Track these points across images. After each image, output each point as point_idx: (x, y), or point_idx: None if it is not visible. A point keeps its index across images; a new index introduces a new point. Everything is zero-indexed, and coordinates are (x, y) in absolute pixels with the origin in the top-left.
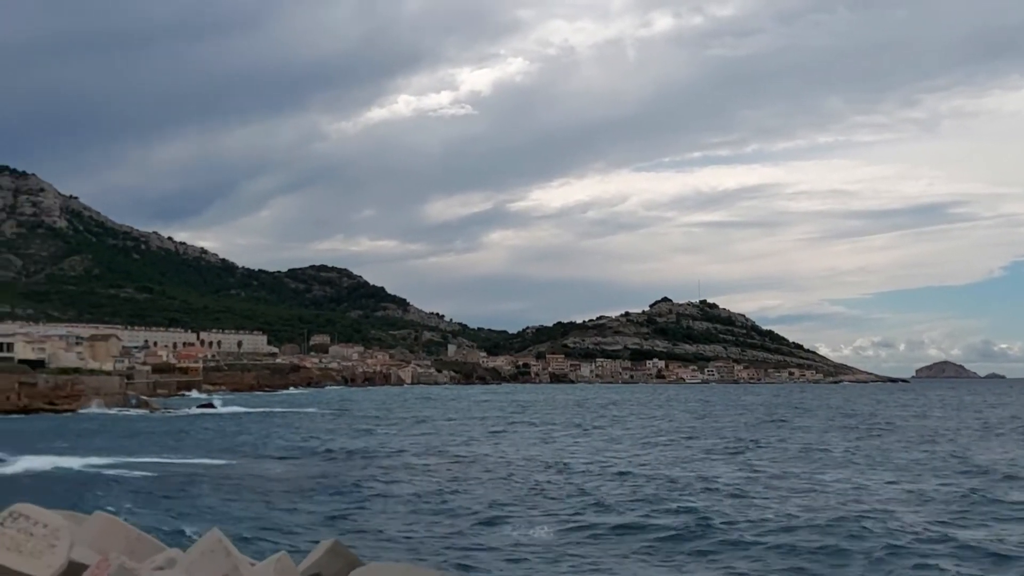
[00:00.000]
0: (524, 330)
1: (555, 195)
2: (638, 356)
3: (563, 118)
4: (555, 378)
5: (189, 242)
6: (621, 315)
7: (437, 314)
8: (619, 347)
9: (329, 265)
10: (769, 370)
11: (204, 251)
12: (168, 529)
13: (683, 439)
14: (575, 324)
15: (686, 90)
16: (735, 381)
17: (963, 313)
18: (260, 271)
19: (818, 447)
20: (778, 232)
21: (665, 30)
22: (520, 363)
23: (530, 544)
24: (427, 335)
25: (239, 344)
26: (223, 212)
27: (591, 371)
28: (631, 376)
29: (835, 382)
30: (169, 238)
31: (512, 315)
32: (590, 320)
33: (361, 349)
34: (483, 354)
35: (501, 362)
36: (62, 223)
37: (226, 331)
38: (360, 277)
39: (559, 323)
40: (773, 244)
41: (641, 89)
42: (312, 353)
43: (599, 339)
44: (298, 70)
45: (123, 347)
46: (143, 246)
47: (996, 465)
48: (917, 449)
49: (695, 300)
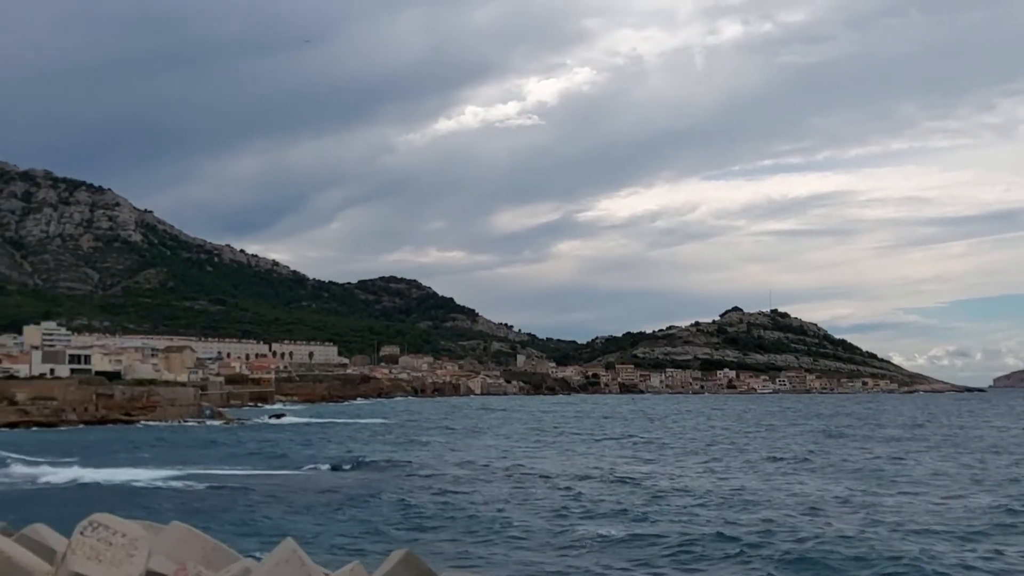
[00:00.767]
0: (593, 340)
1: (623, 205)
2: (708, 366)
3: (631, 127)
4: (625, 388)
5: (261, 255)
6: (691, 325)
7: (506, 325)
8: (689, 357)
9: (398, 276)
10: (842, 380)
11: (276, 263)
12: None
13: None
14: (644, 334)
15: (756, 98)
16: (807, 391)
17: None
18: (331, 283)
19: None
20: (851, 240)
21: (734, 37)
22: (589, 373)
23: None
24: (496, 346)
25: (310, 355)
26: (294, 225)
27: (661, 381)
28: (701, 386)
29: (910, 392)
30: (241, 251)
31: (581, 325)
32: (660, 330)
33: (430, 360)
34: (552, 364)
35: (570, 372)
36: (137, 237)
37: (298, 342)
38: (429, 288)
39: (628, 333)
40: (846, 252)
41: (710, 97)
42: (382, 364)
43: (669, 349)
44: (367, 83)
45: (197, 358)
46: (216, 259)
47: None
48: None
49: (766, 309)
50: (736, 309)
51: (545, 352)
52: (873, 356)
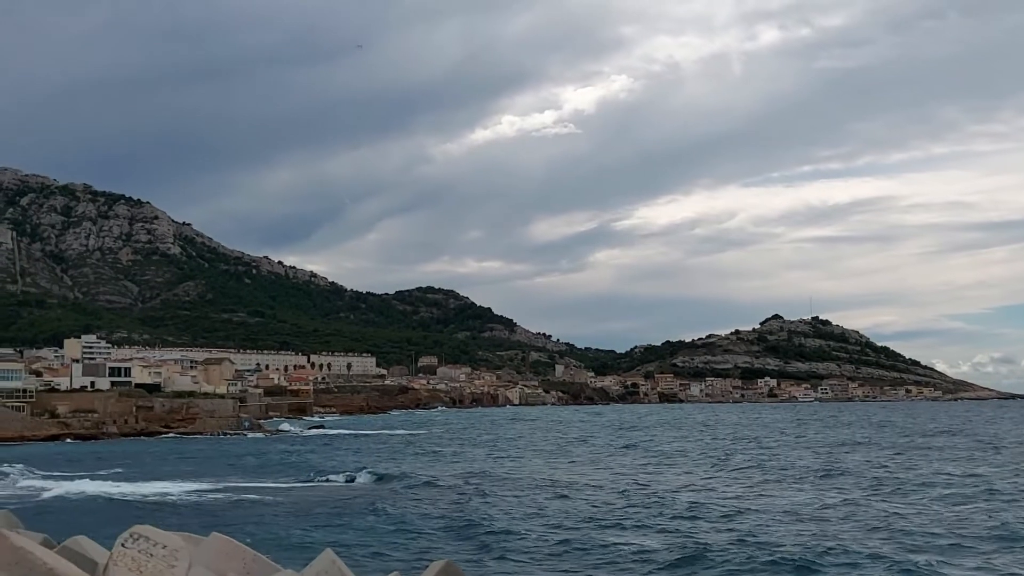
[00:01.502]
0: (632, 350)
1: (661, 212)
2: (749, 374)
3: (668, 134)
4: (664, 398)
5: (298, 266)
6: (731, 333)
7: (544, 334)
8: (729, 366)
9: (436, 287)
10: (885, 387)
11: (314, 275)
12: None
13: None
14: (684, 343)
15: (794, 103)
16: (849, 399)
17: None
18: (368, 294)
19: None
20: (892, 246)
21: (772, 43)
22: (628, 383)
23: None
24: (534, 356)
25: (348, 366)
26: (331, 236)
27: (701, 390)
28: (742, 395)
29: (954, 399)
30: (279, 262)
31: (619, 334)
32: (699, 339)
33: (468, 370)
34: (591, 374)
35: (609, 382)
36: (176, 250)
37: (336, 354)
38: (467, 298)
39: (667, 342)
40: (887, 259)
41: (748, 103)
42: (420, 375)
43: (709, 358)
44: (403, 93)
45: (236, 370)
46: (254, 271)
47: None
48: None
49: (807, 317)
50: (776, 317)
51: (583, 362)
52: (916, 363)
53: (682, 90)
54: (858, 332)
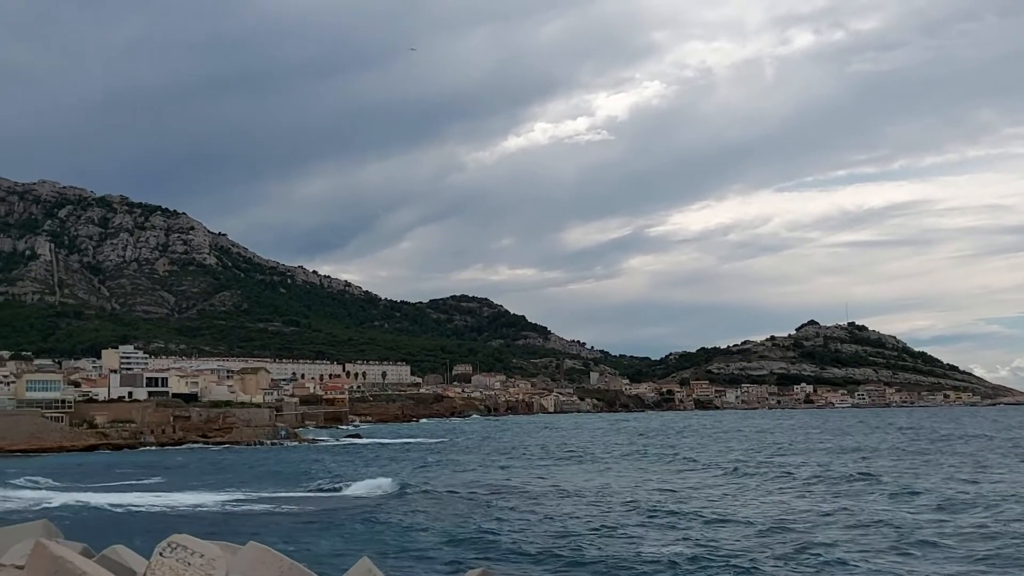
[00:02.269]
0: (667, 356)
1: (695, 218)
2: (785, 381)
3: (701, 140)
4: (700, 405)
5: (333, 275)
6: (766, 339)
7: (578, 342)
8: (765, 372)
9: (470, 295)
10: (922, 393)
11: (348, 284)
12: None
13: None
14: (719, 349)
15: (828, 107)
16: (886, 405)
17: None
18: (402, 302)
19: None
20: (929, 250)
21: (805, 47)
22: (664, 390)
23: None
24: (569, 363)
25: (383, 375)
26: (365, 245)
27: (736, 397)
28: (778, 401)
29: (993, 404)
30: (314, 272)
31: (654, 341)
32: (734, 345)
33: (503, 378)
34: (626, 381)
35: (644, 389)
36: (211, 260)
37: (370, 362)
38: (500, 306)
39: (702, 348)
40: (923, 263)
41: (781, 108)
42: (455, 383)
43: (744, 364)
44: (435, 102)
45: (272, 380)
46: (289, 280)
47: None
48: None
49: (843, 322)
50: (812, 323)
51: (618, 369)
52: (954, 368)
53: (715, 95)
54: (895, 337)
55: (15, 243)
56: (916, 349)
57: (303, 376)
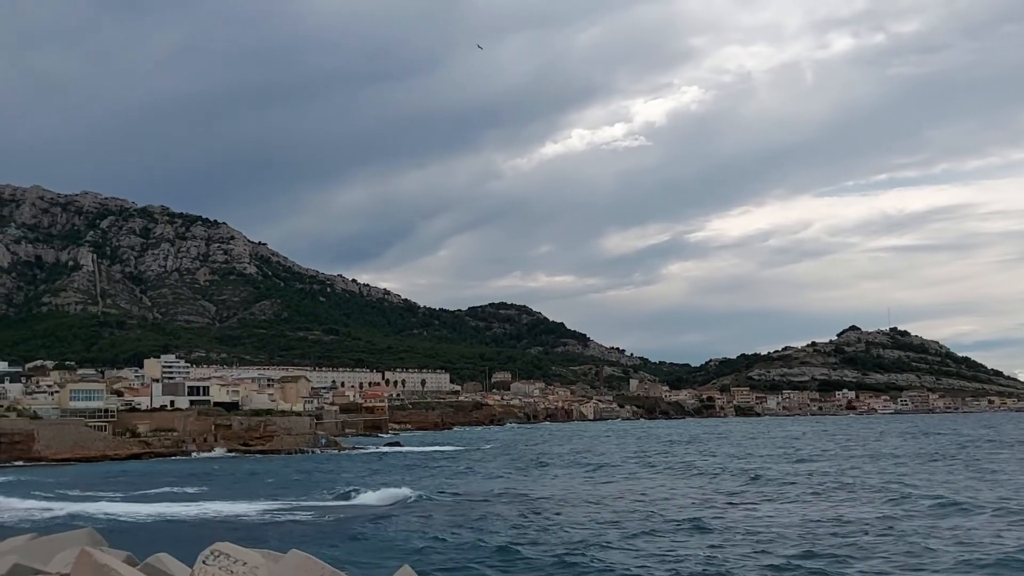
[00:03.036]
0: (707, 363)
1: (734, 224)
2: (826, 387)
3: (740, 145)
4: (740, 411)
5: (372, 284)
6: (807, 345)
7: (618, 349)
8: (806, 378)
9: (508, 302)
10: (966, 399)
11: (387, 292)
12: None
13: None
14: (759, 356)
15: (868, 111)
16: (930, 411)
17: None
18: (441, 310)
19: None
20: (972, 254)
21: (844, 50)
22: (704, 397)
23: None
24: (608, 370)
25: (423, 383)
26: (403, 253)
27: (778, 403)
28: (819, 408)
29: None
30: (353, 280)
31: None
32: (775, 351)
33: (542, 385)
34: (665, 388)
35: (684, 396)
36: (252, 269)
37: (410, 370)
38: (539, 313)
39: (743, 355)
40: (966, 267)
41: (821, 112)
42: (494, 390)
43: (785, 370)
44: (472, 109)
45: (312, 388)
46: (328, 289)
47: None
48: None
49: (885, 328)
50: (854, 328)
51: (658, 376)
52: (999, 373)
53: (753, 100)
54: (938, 342)
55: (58, 254)
56: (960, 354)
57: (343, 384)
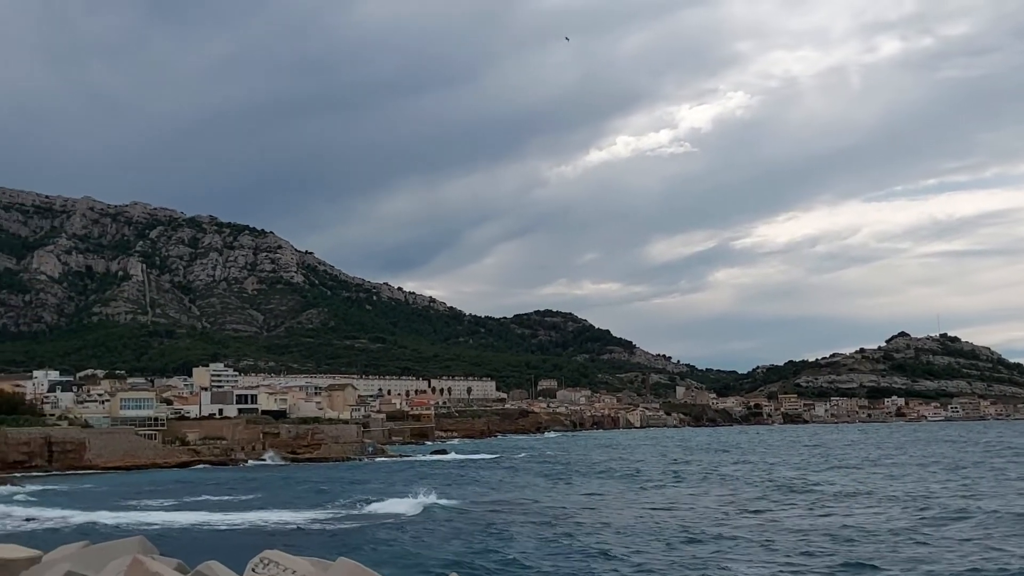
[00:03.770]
0: (754, 370)
1: (781, 230)
2: (875, 394)
3: (787, 151)
4: (788, 419)
5: (417, 292)
6: (856, 352)
7: (664, 356)
8: (855, 385)
9: (554, 310)
10: (1019, 405)
11: (433, 300)
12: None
13: None
14: (807, 362)
15: (917, 115)
16: (981, 418)
17: None
18: (487, 318)
19: None
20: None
21: (892, 54)
22: (751, 404)
23: None
24: (654, 378)
25: (469, 391)
26: (449, 261)
27: (826, 410)
28: (868, 415)
29: None
30: (399, 288)
31: (741, 355)
32: (823, 358)
33: (588, 393)
34: (712, 395)
35: (731, 403)
36: (299, 278)
37: (456, 378)
38: (585, 321)
39: (790, 362)
40: (1018, 272)
41: (868, 116)
42: (540, 398)
43: (833, 377)
44: (517, 117)
45: (359, 396)
46: (375, 297)
47: None
48: None
49: (935, 334)
50: (903, 334)
51: (704, 383)
52: None
53: (800, 105)
54: (989, 349)
55: (108, 264)
56: (1012, 360)
57: (389, 392)
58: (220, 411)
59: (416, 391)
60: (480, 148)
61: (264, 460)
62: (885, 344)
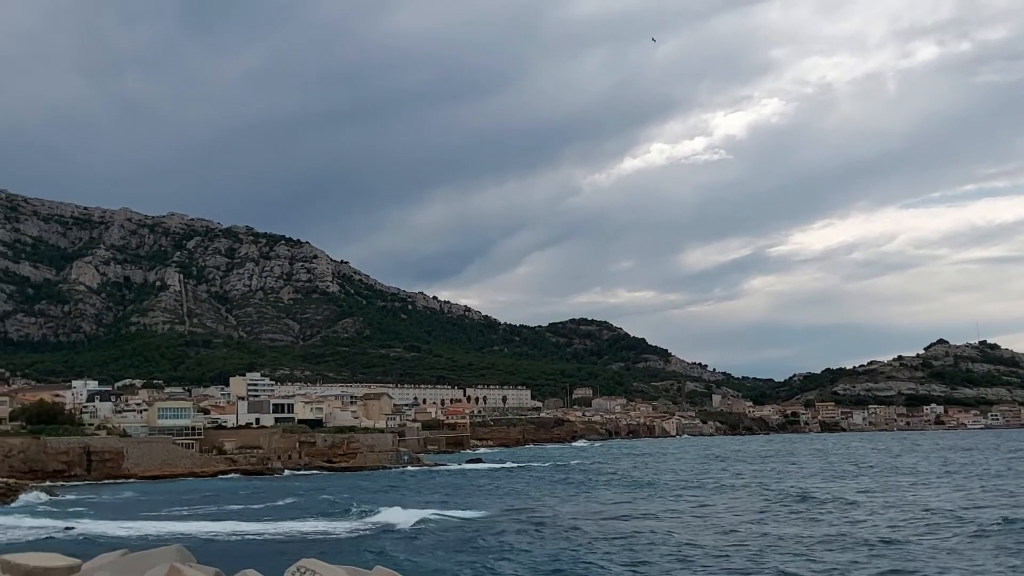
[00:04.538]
0: (791, 378)
1: (817, 237)
2: (913, 402)
3: (822, 157)
4: (825, 427)
5: (452, 300)
6: (893, 359)
7: (700, 364)
8: (892, 393)
9: (589, 318)
10: None
11: (467, 309)
12: None
13: None
14: (844, 370)
15: (954, 120)
16: (1022, 426)
17: None
18: (522, 326)
19: None
20: None
21: (928, 59)
22: (788, 412)
23: None
24: (690, 386)
25: (504, 399)
26: (483, 270)
27: (863, 418)
28: (907, 423)
29: None
30: (434, 297)
31: (777, 363)
32: (860, 365)
33: (624, 401)
34: (749, 403)
35: (768, 411)
36: (334, 287)
37: (491, 387)
38: (620, 329)
39: (827, 369)
40: None
41: (905, 122)
42: (575, 407)
43: (871, 385)
44: (550, 125)
45: (394, 405)
46: (410, 306)
47: None
48: None
49: (973, 341)
50: (941, 342)
51: (741, 391)
52: None
53: (835, 111)
54: None
55: (146, 274)
56: None
57: (425, 401)
58: (257, 420)
59: (451, 400)
60: (513, 157)
61: (297, 471)
62: (923, 352)
